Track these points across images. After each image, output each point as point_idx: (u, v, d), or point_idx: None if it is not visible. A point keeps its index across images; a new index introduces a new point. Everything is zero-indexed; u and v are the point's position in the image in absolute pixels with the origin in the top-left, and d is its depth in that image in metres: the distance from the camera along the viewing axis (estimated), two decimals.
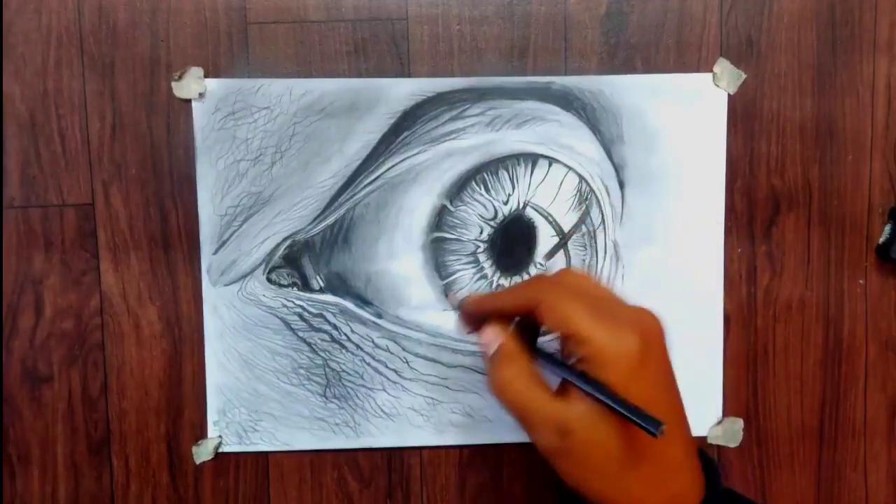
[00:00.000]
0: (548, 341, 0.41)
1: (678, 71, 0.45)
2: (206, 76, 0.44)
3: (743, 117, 0.46)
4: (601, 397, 0.31)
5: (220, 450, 0.46)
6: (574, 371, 0.32)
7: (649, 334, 0.32)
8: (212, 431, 0.45)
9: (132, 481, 0.46)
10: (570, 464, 0.32)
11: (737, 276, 0.46)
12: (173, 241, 0.45)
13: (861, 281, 0.47)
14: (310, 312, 0.45)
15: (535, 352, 0.35)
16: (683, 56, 0.45)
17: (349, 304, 0.45)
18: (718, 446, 0.47)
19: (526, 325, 0.36)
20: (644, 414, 0.30)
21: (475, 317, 0.37)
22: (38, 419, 0.45)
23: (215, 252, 0.45)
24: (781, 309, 0.47)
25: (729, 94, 0.45)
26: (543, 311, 0.33)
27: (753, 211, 0.46)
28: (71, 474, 0.46)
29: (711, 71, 0.45)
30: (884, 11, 0.45)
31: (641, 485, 0.32)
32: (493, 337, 0.35)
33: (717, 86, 0.45)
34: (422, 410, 0.46)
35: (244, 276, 0.45)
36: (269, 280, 0.45)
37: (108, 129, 0.44)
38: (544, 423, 0.32)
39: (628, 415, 0.30)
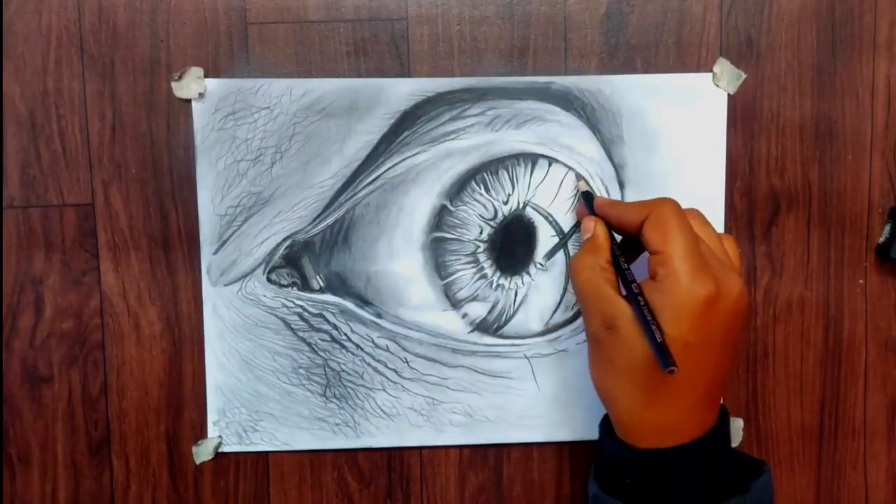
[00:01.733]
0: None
1: (678, 71, 0.45)
2: (206, 76, 0.44)
3: (743, 117, 0.46)
4: (641, 316, 0.34)
5: (220, 450, 0.46)
6: (634, 285, 0.36)
7: (725, 297, 0.35)
8: (212, 431, 0.45)
9: (132, 481, 0.46)
10: (601, 355, 0.37)
11: None
12: (173, 241, 0.45)
13: (861, 281, 0.47)
14: (310, 312, 0.45)
15: (619, 256, 0.38)
16: (683, 56, 0.45)
17: (349, 304, 0.45)
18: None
19: (631, 242, 0.40)
20: (665, 349, 0.33)
21: (594, 213, 0.41)
22: (38, 419, 0.45)
23: (215, 252, 0.45)
24: (781, 309, 0.47)
25: (729, 94, 0.45)
26: (647, 226, 0.36)
27: (753, 211, 0.46)
28: (71, 474, 0.46)
29: (711, 71, 0.45)
30: (884, 11, 0.45)
31: (647, 402, 0.36)
32: (592, 225, 0.40)
33: (717, 86, 0.45)
34: (422, 410, 0.46)
35: (244, 276, 0.45)
36: (269, 280, 0.45)
37: (108, 129, 0.44)
38: (597, 311, 0.36)
39: (651, 342, 0.33)
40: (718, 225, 0.46)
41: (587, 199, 0.42)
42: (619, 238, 0.41)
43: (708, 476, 0.36)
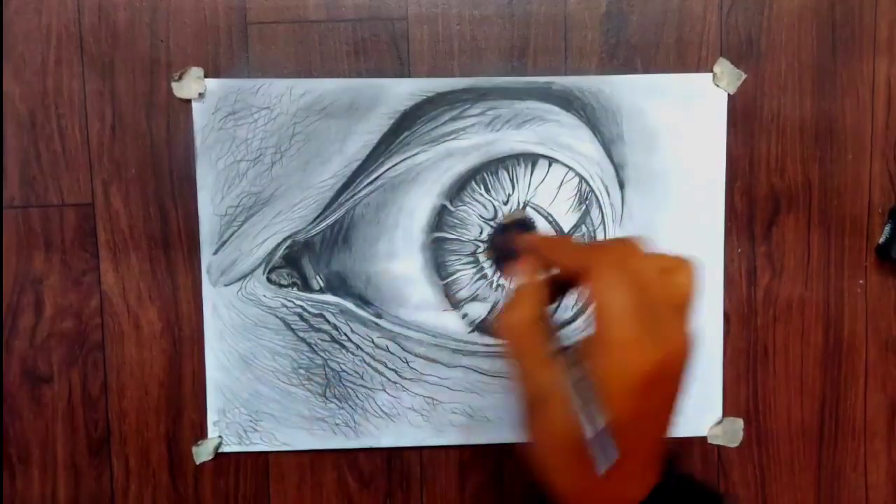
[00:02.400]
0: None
1: (678, 71, 0.45)
2: (206, 76, 0.44)
3: (743, 117, 0.46)
4: (575, 399, 0.30)
5: (220, 450, 0.46)
6: (572, 354, 0.31)
7: (674, 356, 0.31)
8: (212, 431, 0.45)
9: (132, 481, 0.46)
10: (534, 426, 0.33)
11: (737, 275, 0.46)
12: (173, 241, 0.45)
13: (861, 281, 0.47)
14: (310, 312, 0.45)
15: (552, 306, 0.34)
16: (683, 56, 0.45)
17: (349, 304, 0.45)
18: (718, 446, 0.47)
19: (559, 284, 0.35)
20: (603, 442, 0.29)
21: (517, 250, 0.36)
22: (38, 419, 0.45)
23: (215, 252, 0.45)
24: (781, 309, 0.47)
25: (729, 94, 0.45)
26: (588, 282, 0.31)
27: (753, 211, 0.46)
28: (71, 474, 0.45)
29: (711, 71, 0.45)
30: (884, 11, 0.45)
31: (586, 482, 0.32)
32: (526, 272, 0.34)
33: (717, 86, 0.45)
34: (422, 410, 0.46)
35: (244, 277, 0.45)
36: (269, 280, 0.45)
37: (108, 129, 0.44)
38: (528, 378, 0.32)
39: (588, 432, 0.30)
40: (719, 225, 0.46)
41: (521, 228, 0.38)
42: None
43: None
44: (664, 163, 0.45)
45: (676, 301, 0.33)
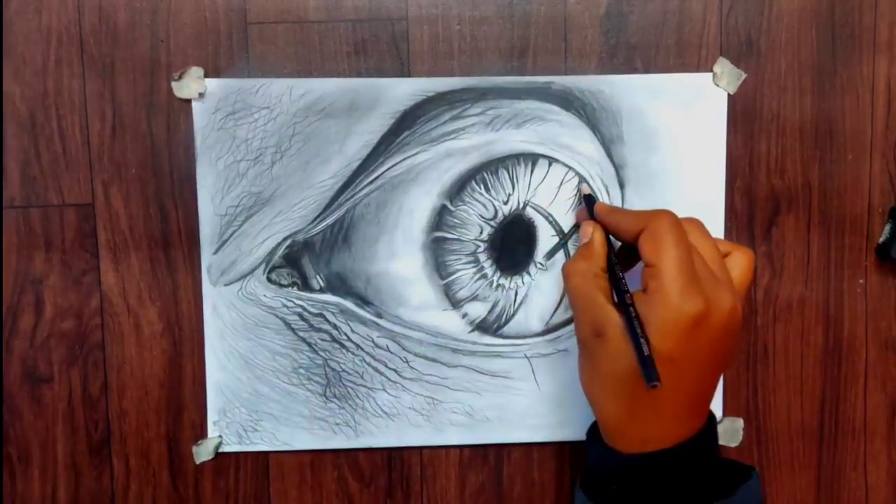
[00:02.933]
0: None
1: (678, 71, 0.45)
2: (206, 76, 0.44)
3: (743, 117, 0.46)
4: (630, 328, 0.35)
5: (221, 450, 0.46)
6: (626, 296, 0.36)
7: (716, 310, 0.35)
8: (212, 431, 0.45)
9: (132, 481, 0.46)
10: (589, 360, 0.37)
11: None
12: (173, 240, 0.45)
13: (861, 281, 0.47)
14: (310, 312, 0.45)
15: (615, 265, 0.38)
16: (683, 56, 0.45)
17: (349, 304, 0.45)
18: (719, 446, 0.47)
19: (630, 249, 0.39)
20: (649, 364, 0.33)
21: (594, 218, 0.41)
22: (38, 419, 0.45)
23: (215, 252, 0.45)
24: (781, 309, 0.47)
25: (729, 94, 0.45)
26: (643, 238, 0.36)
27: (753, 211, 0.46)
28: (71, 474, 0.46)
29: (711, 71, 0.45)
30: (884, 12, 0.45)
31: (631, 410, 0.36)
32: (589, 231, 0.40)
33: (717, 86, 0.45)
34: (422, 410, 0.46)
35: (244, 276, 0.45)
36: (269, 280, 0.45)
37: (109, 129, 0.44)
38: (586, 318, 0.37)
39: (637, 355, 0.34)
40: (719, 225, 0.46)
41: (588, 203, 0.42)
42: (617, 245, 0.41)
43: (691, 481, 0.36)
44: (664, 163, 0.45)
45: (733, 278, 0.37)
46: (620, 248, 0.41)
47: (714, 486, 0.36)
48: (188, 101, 0.44)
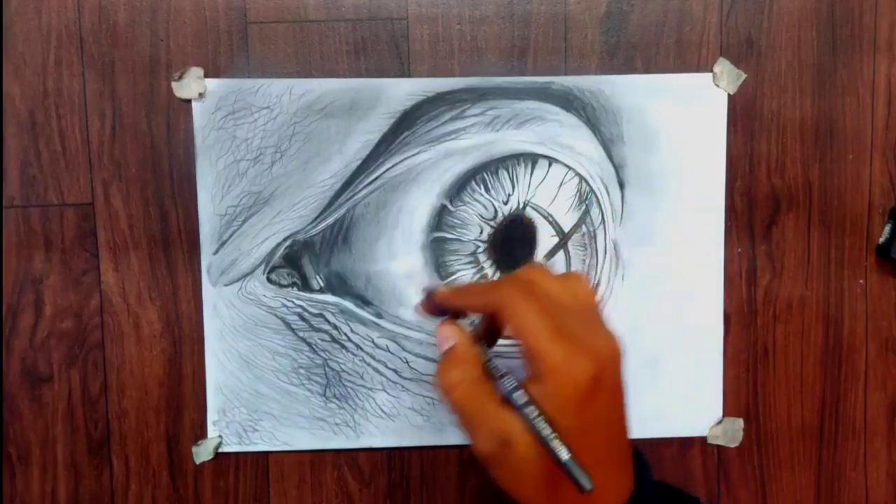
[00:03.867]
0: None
1: (678, 71, 0.45)
2: (206, 76, 0.44)
3: (743, 117, 0.46)
4: (539, 436, 0.31)
5: (220, 450, 0.46)
6: (519, 397, 0.31)
7: (606, 361, 0.32)
8: (212, 431, 0.45)
9: (132, 481, 0.46)
10: (505, 473, 0.33)
11: (737, 275, 0.46)
12: (173, 240, 0.45)
13: (861, 281, 0.47)
14: (310, 312, 0.45)
15: (489, 352, 0.34)
16: (683, 56, 0.45)
17: (349, 304, 0.45)
18: (719, 446, 0.47)
19: (490, 324, 0.36)
20: (576, 469, 0.30)
21: (440, 308, 0.37)
22: (38, 419, 0.45)
23: (215, 252, 0.45)
24: (781, 308, 0.47)
25: (729, 94, 0.45)
26: (504, 318, 0.32)
27: (753, 210, 0.46)
28: (71, 474, 0.45)
29: (711, 71, 0.45)
30: (884, 12, 0.45)
31: (571, 498, 0.32)
32: (450, 335, 0.35)
33: (717, 86, 0.45)
34: (422, 410, 0.46)
35: (244, 276, 0.45)
36: (269, 280, 0.45)
37: (108, 129, 0.44)
38: (484, 431, 0.32)
39: (560, 465, 0.30)
40: (719, 224, 0.46)
41: (430, 298, 0.37)
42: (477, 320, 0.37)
43: None
44: (664, 163, 0.45)
45: (585, 308, 0.34)
46: (483, 322, 0.37)
47: None
48: (188, 100, 0.44)
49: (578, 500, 0.31)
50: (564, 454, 0.30)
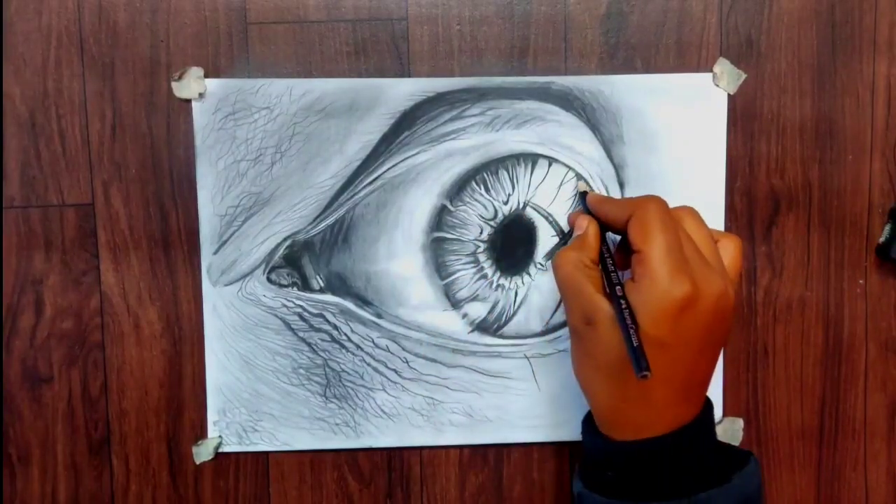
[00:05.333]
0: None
1: (678, 71, 0.45)
2: (206, 76, 0.44)
3: (743, 117, 0.46)
4: (619, 317, 0.34)
5: (221, 450, 0.46)
6: (615, 286, 0.36)
7: (704, 298, 0.35)
8: (212, 431, 0.45)
9: (132, 481, 0.46)
10: (581, 349, 0.37)
11: None
12: (173, 241, 0.45)
13: (861, 281, 0.47)
14: (310, 312, 0.45)
15: (606, 255, 0.38)
16: (683, 56, 0.45)
17: (349, 304, 0.45)
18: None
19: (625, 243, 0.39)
20: (639, 354, 0.33)
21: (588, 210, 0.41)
22: (38, 419, 0.45)
23: (215, 252, 0.45)
24: (781, 309, 0.47)
25: (729, 94, 0.45)
26: (630, 225, 0.36)
27: (753, 211, 0.46)
28: (71, 474, 0.45)
29: (711, 71, 0.45)
30: (884, 12, 0.45)
31: (624, 397, 0.36)
32: (584, 224, 0.40)
33: (717, 86, 0.45)
34: (422, 410, 0.46)
35: (244, 276, 0.45)
36: (269, 280, 0.45)
37: (108, 130, 0.44)
38: (576, 307, 0.37)
39: (627, 345, 0.33)
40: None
41: (584, 200, 0.42)
42: (617, 240, 0.41)
43: (686, 468, 0.36)
44: (664, 163, 0.45)
45: (724, 264, 0.37)
46: (622, 241, 0.40)
47: (710, 473, 0.36)
48: (188, 101, 0.44)
49: (637, 394, 0.36)
50: (635, 340, 0.33)
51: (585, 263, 0.38)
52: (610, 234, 0.40)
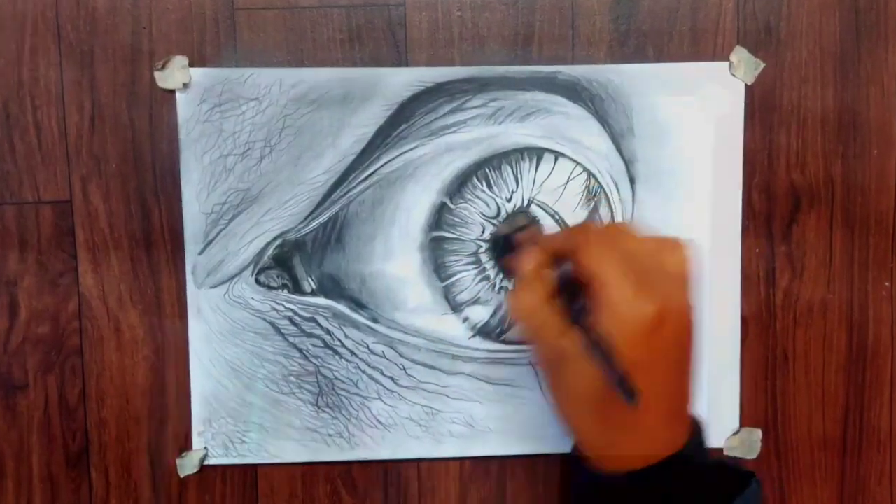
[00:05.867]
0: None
1: (692, 60, 0.43)
2: (191, 65, 0.42)
3: (761, 109, 0.44)
4: (594, 350, 0.34)
5: (206, 462, 0.44)
6: (580, 314, 0.35)
7: (670, 312, 0.34)
8: (197, 443, 0.44)
9: (112, 495, 0.44)
10: (557, 385, 0.38)
11: (755, 277, 0.45)
12: (156, 240, 0.43)
13: (887, 283, 0.45)
14: (301, 316, 0.43)
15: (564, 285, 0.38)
16: (698, 44, 0.43)
17: (343, 308, 0.43)
18: (735, 458, 0.45)
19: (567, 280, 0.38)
20: (623, 380, 0.32)
21: (517, 245, 0.41)
22: (13, 429, 0.43)
23: (201, 252, 0.43)
24: (802, 312, 0.45)
25: (746, 85, 0.43)
26: (578, 257, 0.36)
27: (772, 208, 0.44)
28: (47, 487, 0.44)
29: (728, 60, 0.43)
30: None
31: (608, 428, 0.36)
32: (528, 260, 0.38)
33: (734, 75, 0.43)
34: (420, 420, 0.44)
35: (231, 278, 0.43)
36: (257, 282, 0.43)
37: (87, 122, 0.42)
38: (545, 345, 0.37)
39: (610, 376, 0.33)
40: (735, 223, 0.44)
41: (519, 239, 0.41)
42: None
43: (683, 494, 0.36)
44: (677, 157, 0.44)
45: (670, 273, 0.36)
46: (574, 275, 0.39)
47: (709, 497, 0.36)
48: (172, 91, 0.42)
49: (623, 422, 0.35)
50: (615, 367, 0.33)
51: (542, 300, 0.37)
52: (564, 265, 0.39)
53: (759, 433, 0.45)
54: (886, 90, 0.44)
